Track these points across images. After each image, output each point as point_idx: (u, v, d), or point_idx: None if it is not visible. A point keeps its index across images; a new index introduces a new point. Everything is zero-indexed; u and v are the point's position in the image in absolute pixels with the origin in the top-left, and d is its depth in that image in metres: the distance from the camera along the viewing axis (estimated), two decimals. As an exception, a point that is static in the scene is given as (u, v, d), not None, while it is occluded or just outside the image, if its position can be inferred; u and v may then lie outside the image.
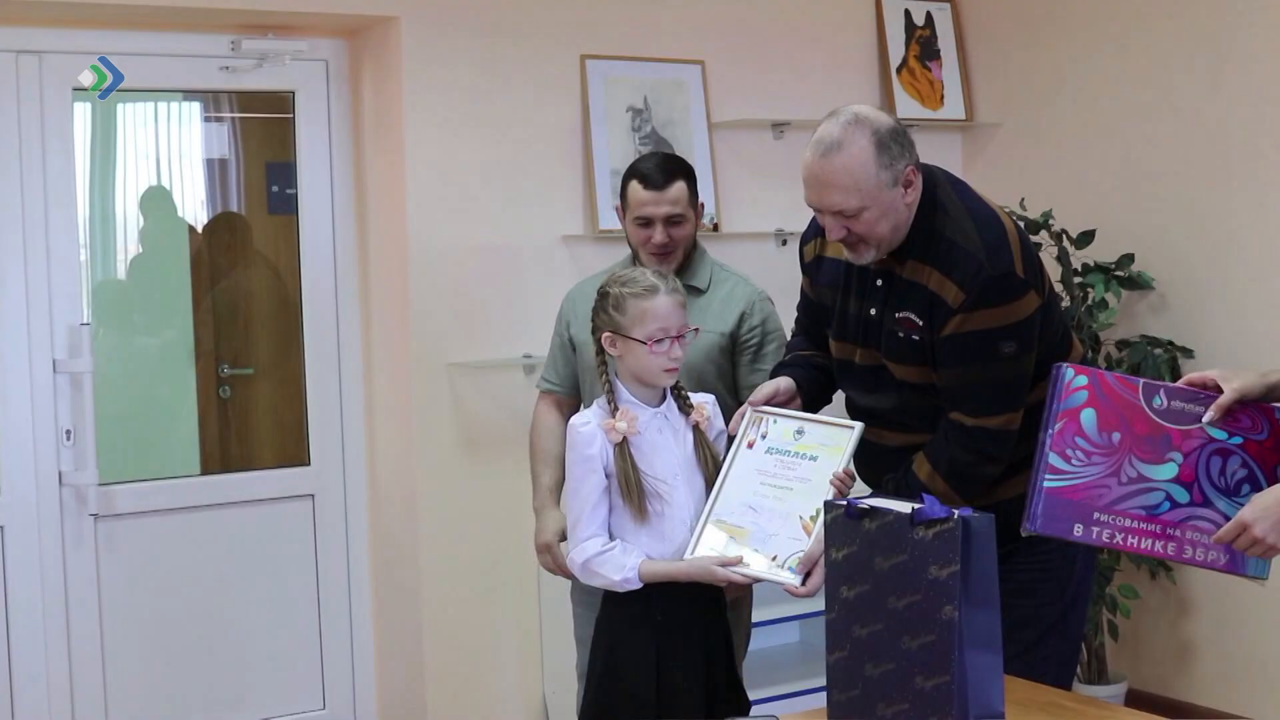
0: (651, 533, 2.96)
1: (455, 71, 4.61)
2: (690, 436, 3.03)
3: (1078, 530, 2.59)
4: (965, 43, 5.55)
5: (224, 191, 4.96)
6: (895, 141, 2.85)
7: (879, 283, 2.99)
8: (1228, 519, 2.53)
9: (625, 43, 4.89)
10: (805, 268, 3.25)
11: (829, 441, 2.87)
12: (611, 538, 2.98)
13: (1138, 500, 2.58)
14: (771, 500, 2.88)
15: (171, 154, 4.82)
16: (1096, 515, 2.59)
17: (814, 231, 3.18)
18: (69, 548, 4.40)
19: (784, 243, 5.01)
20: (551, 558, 3.66)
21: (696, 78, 5.01)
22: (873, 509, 2.45)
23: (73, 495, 4.39)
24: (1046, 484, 2.60)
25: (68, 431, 4.36)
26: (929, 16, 5.49)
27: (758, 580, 2.88)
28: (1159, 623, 5.05)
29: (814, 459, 2.87)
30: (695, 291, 3.55)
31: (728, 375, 3.57)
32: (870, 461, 3.09)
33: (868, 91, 5.32)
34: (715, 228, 4.97)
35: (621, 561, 2.93)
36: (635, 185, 3.56)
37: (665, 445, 3.00)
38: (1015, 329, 2.87)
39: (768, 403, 3.06)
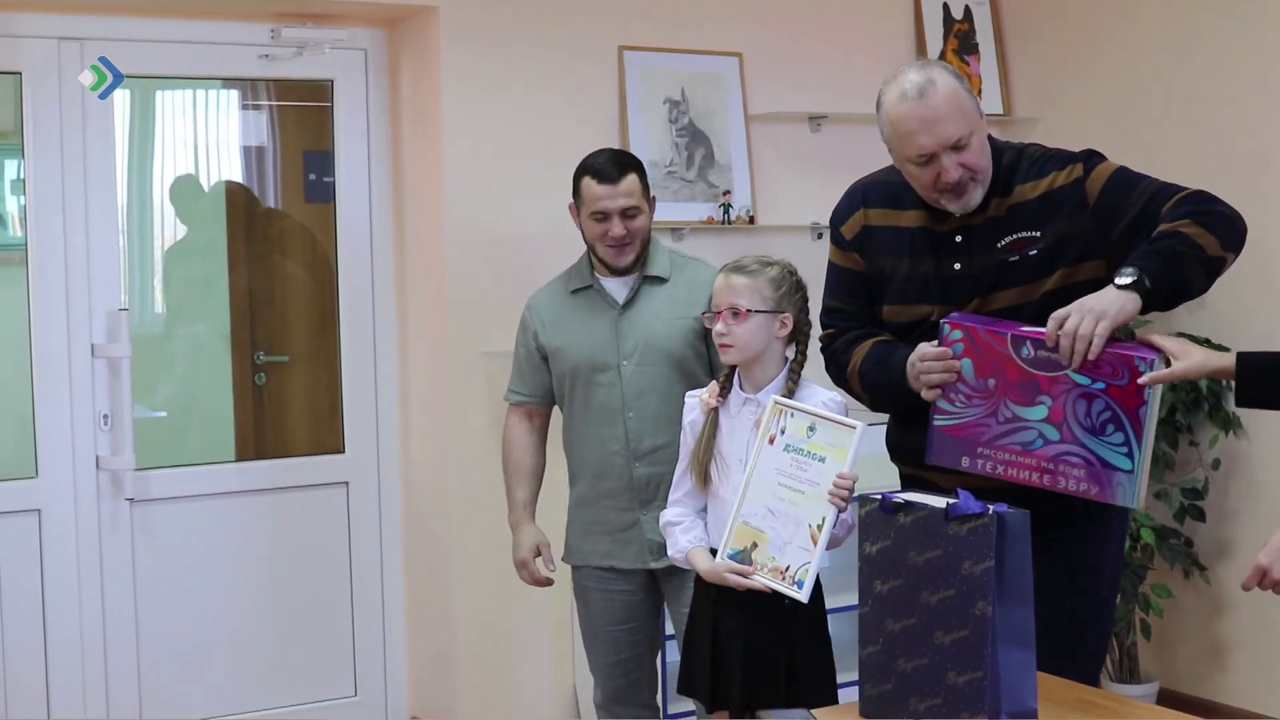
0: (713, 504, 3.09)
1: (493, 62, 4.62)
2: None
3: (965, 462, 2.86)
4: (1003, 37, 5.53)
5: (261, 179, 4.99)
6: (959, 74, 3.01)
7: (959, 239, 3.00)
8: (1095, 455, 2.74)
9: (663, 34, 4.89)
10: (848, 244, 3.16)
11: (835, 443, 2.87)
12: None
13: (1015, 437, 2.82)
14: (786, 504, 2.91)
15: (209, 141, 4.85)
16: (980, 449, 2.85)
17: (853, 206, 3.16)
18: (105, 532, 4.43)
19: (819, 236, 5.00)
20: (529, 573, 3.75)
21: (734, 70, 5.00)
22: (907, 503, 2.46)
23: (109, 480, 4.42)
24: (936, 422, 2.90)
25: (105, 416, 4.40)
26: (967, 10, 5.47)
27: (770, 590, 2.91)
28: (1192, 622, 5.02)
29: (822, 460, 2.87)
30: (658, 281, 3.63)
31: (705, 359, 3.61)
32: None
33: (905, 85, 5.30)
34: (751, 220, 4.97)
35: (677, 539, 3.12)
36: (589, 181, 3.61)
37: (739, 432, 3.06)
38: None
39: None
